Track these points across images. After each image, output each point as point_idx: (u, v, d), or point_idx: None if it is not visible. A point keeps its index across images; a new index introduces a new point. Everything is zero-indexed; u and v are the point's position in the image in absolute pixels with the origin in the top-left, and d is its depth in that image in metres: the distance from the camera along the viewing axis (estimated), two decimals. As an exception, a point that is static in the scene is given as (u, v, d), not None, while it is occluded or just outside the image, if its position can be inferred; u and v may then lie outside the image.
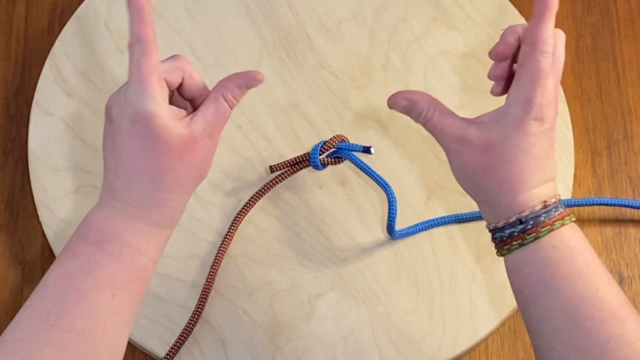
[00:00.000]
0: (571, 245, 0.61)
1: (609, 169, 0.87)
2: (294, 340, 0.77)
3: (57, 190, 0.81)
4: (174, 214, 0.63)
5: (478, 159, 0.62)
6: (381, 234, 0.80)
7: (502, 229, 0.62)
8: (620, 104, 0.89)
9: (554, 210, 0.61)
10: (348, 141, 0.80)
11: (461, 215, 0.81)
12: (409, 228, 0.80)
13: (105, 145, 0.62)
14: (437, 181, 0.83)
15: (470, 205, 0.82)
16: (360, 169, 0.79)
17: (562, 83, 0.87)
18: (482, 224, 0.81)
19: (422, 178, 0.83)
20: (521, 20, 0.89)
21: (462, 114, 0.84)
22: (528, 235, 0.61)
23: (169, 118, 0.60)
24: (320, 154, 0.79)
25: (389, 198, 0.77)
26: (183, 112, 0.62)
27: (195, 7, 0.88)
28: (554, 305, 0.59)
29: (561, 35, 0.62)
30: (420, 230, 0.80)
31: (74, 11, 0.88)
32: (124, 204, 0.61)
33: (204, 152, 0.62)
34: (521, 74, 0.60)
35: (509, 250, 0.62)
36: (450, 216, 0.81)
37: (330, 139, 0.79)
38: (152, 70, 0.60)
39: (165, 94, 0.60)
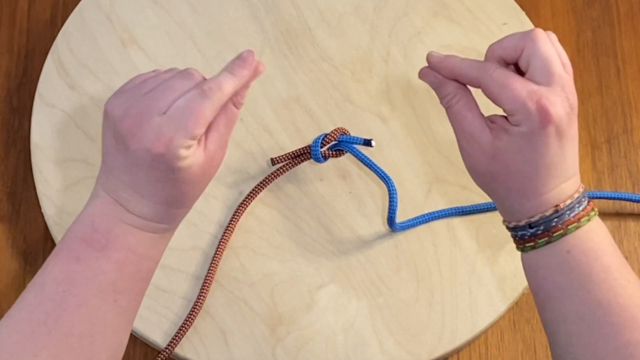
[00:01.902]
0: (587, 249, 0.58)
1: (609, 163, 0.87)
2: (295, 331, 0.77)
3: (59, 182, 0.82)
4: (182, 218, 0.62)
5: (486, 164, 0.59)
6: (382, 226, 0.81)
7: (515, 229, 0.60)
8: (620, 99, 0.90)
9: (567, 213, 0.58)
10: (349, 134, 0.80)
11: (461, 208, 0.81)
12: (409, 220, 0.80)
13: (110, 152, 0.59)
14: (437, 174, 0.83)
15: (470, 198, 0.82)
16: (361, 161, 0.79)
17: (563, 77, 0.88)
18: (483, 217, 0.82)
19: (422, 171, 0.83)
20: (522, 15, 0.90)
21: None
22: (539, 239, 0.58)
23: (193, 155, 0.57)
24: (321, 147, 0.79)
25: (389, 190, 0.77)
26: None
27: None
28: (569, 309, 0.57)
29: (533, 37, 0.58)
30: (420, 223, 0.81)
31: (76, 4, 0.88)
32: (132, 215, 0.59)
33: (218, 161, 0.60)
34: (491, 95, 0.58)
35: (523, 250, 0.60)
36: (451, 209, 0.81)
37: (331, 131, 0.79)
38: (207, 121, 0.57)
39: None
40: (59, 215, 0.81)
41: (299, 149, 0.80)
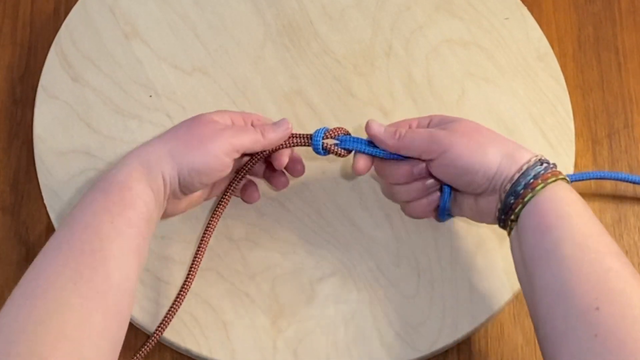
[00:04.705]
0: (578, 197, 0.68)
1: (609, 158, 0.87)
2: (295, 323, 0.77)
3: (62, 173, 0.82)
4: (157, 171, 0.70)
5: (467, 163, 0.70)
6: (382, 219, 0.81)
7: (525, 175, 0.68)
8: (621, 94, 0.90)
9: (546, 166, 0.69)
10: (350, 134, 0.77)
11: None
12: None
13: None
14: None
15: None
16: (383, 158, 0.76)
17: (564, 72, 0.88)
18: (483, 211, 0.82)
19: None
20: (524, 10, 0.90)
21: (464, 101, 0.86)
22: (533, 188, 0.67)
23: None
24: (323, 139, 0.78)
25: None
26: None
27: (200, -7, 0.89)
28: (567, 234, 0.64)
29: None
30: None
31: (79, -4, 0.89)
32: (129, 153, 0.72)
33: (208, 132, 0.72)
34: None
35: (516, 219, 0.68)
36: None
37: (334, 128, 0.77)
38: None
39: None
40: (61, 206, 0.81)
41: (300, 134, 0.78)
